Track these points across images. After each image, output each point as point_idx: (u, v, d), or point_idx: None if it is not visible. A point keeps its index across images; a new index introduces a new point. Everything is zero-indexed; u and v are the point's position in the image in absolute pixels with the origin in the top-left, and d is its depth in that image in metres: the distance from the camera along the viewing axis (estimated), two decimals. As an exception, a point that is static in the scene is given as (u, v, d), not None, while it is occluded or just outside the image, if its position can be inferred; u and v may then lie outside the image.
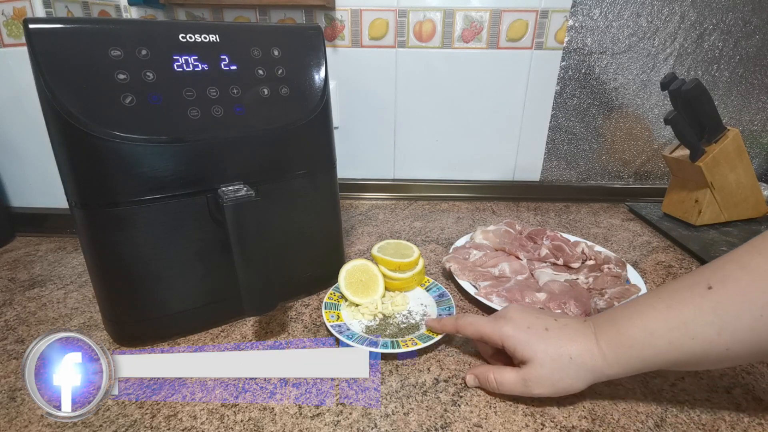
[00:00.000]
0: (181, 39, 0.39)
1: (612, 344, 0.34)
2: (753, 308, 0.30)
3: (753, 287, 0.30)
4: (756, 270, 0.30)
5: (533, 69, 0.83)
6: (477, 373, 0.39)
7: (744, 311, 0.30)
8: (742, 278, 0.31)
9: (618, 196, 0.90)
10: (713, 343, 0.31)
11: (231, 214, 0.39)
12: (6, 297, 0.55)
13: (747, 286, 0.30)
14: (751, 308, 0.30)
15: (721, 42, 0.81)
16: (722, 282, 0.31)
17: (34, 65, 0.35)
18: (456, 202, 0.90)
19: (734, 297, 0.30)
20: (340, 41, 0.82)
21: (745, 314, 0.30)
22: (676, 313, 0.32)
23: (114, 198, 0.39)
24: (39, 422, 0.36)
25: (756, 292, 0.30)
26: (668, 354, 0.32)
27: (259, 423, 0.36)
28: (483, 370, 0.39)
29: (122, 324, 0.44)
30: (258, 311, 0.45)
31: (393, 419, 0.36)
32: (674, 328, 0.32)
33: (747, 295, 0.30)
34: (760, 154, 0.90)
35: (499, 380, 0.37)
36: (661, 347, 0.32)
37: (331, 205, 0.54)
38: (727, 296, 0.31)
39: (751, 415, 0.36)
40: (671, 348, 0.32)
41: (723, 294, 0.31)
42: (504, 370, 0.37)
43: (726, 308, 0.30)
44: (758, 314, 0.29)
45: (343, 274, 0.51)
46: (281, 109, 0.45)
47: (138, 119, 0.38)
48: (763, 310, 0.29)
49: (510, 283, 0.53)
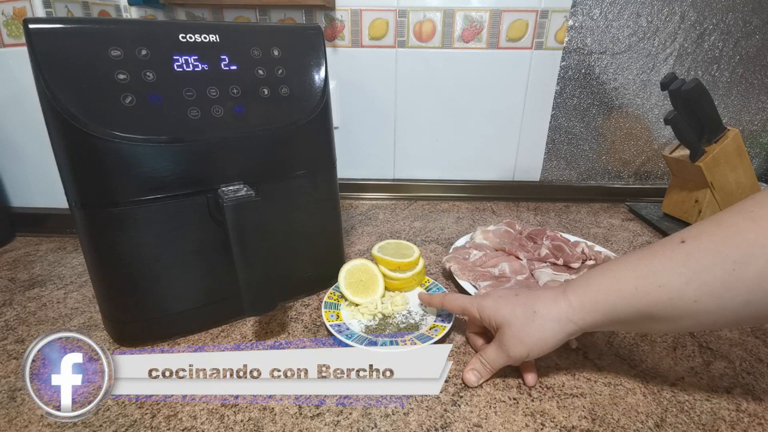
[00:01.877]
0: (181, 39, 0.39)
1: (578, 292, 0.35)
2: (725, 262, 0.29)
3: (727, 241, 0.30)
4: (732, 226, 0.30)
5: (533, 69, 0.83)
6: (471, 366, 0.40)
7: (715, 264, 0.29)
8: (715, 233, 0.30)
9: (618, 196, 0.90)
10: (681, 293, 0.30)
11: (231, 214, 0.39)
12: (6, 297, 0.55)
13: (721, 241, 0.30)
14: (723, 261, 0.29)
15: (721, 42, 0.81)
16: (695, 237, 0.31)
17: (34, 65, 0.35)
18: (456, 202, 0.90)
19: (706, 250, 0.30)
20: (340, 41, 0.82)
21: (716, 267, 0.29)
22: (645, 263, 0.33)
23: (114, 198, 0.39)
24: (39, 422, 0.36)
25: (730, 246, 0.29)
26: (634, 300, 0.32)
27: (259, 423, 0.36)
28: (473, 360, 0.40)
29: (122, 324, 0.44)
30: (258, 311, 0.45)
31: (393, 419, 0.36)
32: (641, 276, 0.32)
33: (719, 248, 0.30)
34: (760, 154, 0.90)
35: (485, 358, 0.39)
36: (626, 292, 0.32)
37: (331, 205, 0.54)
38: (699, 249, 0.31)
39: (751, 415, 0.36)
40: (637, 294, 0.32)
41: (694, 246, 0.31)
42: (487, 348, 0.39)
43: (697, 259, 0.30)
44: (730, 268, 0.29)
45: (343, 273, 0.51)
46: (281, 109, 0.45)
47: (138, 119, 0.38)
48: (735, 264, 0.29)
49: (510, 283, 0.53)
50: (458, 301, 0.43)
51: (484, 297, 0.41)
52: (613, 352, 0.44)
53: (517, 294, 0.39)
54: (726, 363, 0.42)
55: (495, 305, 0.38)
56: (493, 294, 0.41)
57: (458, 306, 0.43)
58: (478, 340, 0.43)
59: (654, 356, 0.43)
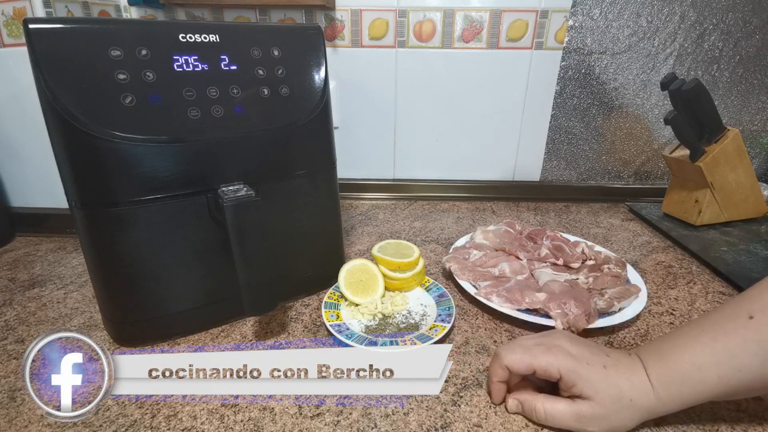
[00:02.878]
0: (181, 39, 0.39)
1: (663, 383, 0.33)
2: None
3: None
4: None
5: (533, 69, 0.83)
6: (522, 400, 0.37)
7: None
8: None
9: (618, 196, 0.90)
10: (758, 374, 0.31)
11: (231, 214, 0.39)
12: (6, 297, 0.55)
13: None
14: None
15: (721, 42, 0.81)
16: (762, 311, 0.31)
17: (34, 65, 0.35)
18: (456, 202, 0.90)
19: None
20: (340, 41, 0.82)
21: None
22: (721, 346, 0.32)
23: (114, 198, 0.39)
24: (39, 422, 0.36)
25: None
26: (717, 388, 0.32)
27: (259, 423, 0.36)
28: (529, 398, 0.36)
29: (122, 324, 0.44)
30: (258, 311, 0.45)
31: (393, 419, 0.36)
32: (722, 362, 0.32)
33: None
34: (760, 154, 0.90)
35: (550, 412, 0.35)
36: (711, 383, 0.32)
37: (331, 205, 0.54)
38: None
39: (751, 415, 0.36)
40: (720, 382, 0.32)
41: (765, 323, 0.31)
42: (555, 401, 0.35)
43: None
44: None
45: (343, 273, 0.51)
46: (281, 109, 0.45)
47: (138, 119, 0.38)
48: None
49: (510, 283, 0.53)
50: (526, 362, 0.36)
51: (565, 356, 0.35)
52: (613, 352, 0.44)
53: (605, 366, 0.35)
54: (726, 363, 0.42)
55: (587, 375, 0.34)
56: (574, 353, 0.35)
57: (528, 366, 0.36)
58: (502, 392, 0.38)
59: (654, 356, 0.43)
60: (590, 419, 0.34)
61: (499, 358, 0.37)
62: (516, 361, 0.36)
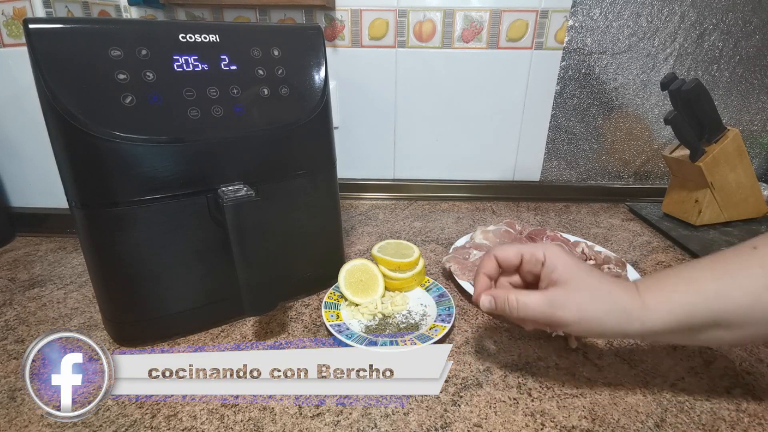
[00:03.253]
0: (181, 39, 0.39)
1: (653, 290, 0.32)
2: None
3: None
4: None
5: (533, 69, 0.83)
6: (495, 295, 0.36)
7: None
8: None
9: (618, 196, 0.90)
10: (759, 297, 0.30)
11: (231, 214, 0.39)
12: (6, 297, 0.55)
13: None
14: None
15: (721, 42, 0.81)
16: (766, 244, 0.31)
17: (34, 65, 0.35)
18: (456, 202, 0.90)
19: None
20: (340, 41, 0.82)
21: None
22: (721, 266, 0.31)
23: (114, 198, 0.39)
24: (39, 422, 0.36)
25: None
26: (714, 303, 0.30)
27: (259, 423, 0.36)
28: (502, 293, 0.35)
29: (122, 324, 0.44)
30: (258, 311, 0.45)
31: (393, 419, 0.36)
32: (720, 278, 0.31)
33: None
34: (760, 154, 0.90)
35: (522, 300, 0.34)
36: (706, 294, 0.31)
37: (331, 205, 0.54)
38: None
39: (751, 415, 0.36)
40: (718, 296, 0.30)
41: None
42: (529, 293, 0.34)
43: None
44: None
45: (343, 273, 0.51)
46: (281, 109, 0.45)
47: (138, 119, 0.38)
48: None
49: (510, 283, 0.53)
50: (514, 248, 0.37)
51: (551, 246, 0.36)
52: (613, 352, 0.44)
53: (592, 268, 0.35)
54: (726, 363, 0.42)
55: (571, 261, 0.34)
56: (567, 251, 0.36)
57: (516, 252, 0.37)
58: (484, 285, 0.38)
59: (654, 356, 0.43)
60: (562, 303, 0.33)
61: (490, 251, 0.37)
62: (504, 249, 0.37)
